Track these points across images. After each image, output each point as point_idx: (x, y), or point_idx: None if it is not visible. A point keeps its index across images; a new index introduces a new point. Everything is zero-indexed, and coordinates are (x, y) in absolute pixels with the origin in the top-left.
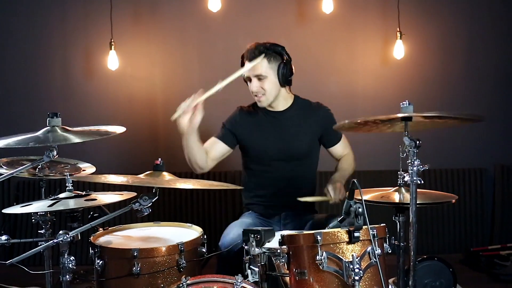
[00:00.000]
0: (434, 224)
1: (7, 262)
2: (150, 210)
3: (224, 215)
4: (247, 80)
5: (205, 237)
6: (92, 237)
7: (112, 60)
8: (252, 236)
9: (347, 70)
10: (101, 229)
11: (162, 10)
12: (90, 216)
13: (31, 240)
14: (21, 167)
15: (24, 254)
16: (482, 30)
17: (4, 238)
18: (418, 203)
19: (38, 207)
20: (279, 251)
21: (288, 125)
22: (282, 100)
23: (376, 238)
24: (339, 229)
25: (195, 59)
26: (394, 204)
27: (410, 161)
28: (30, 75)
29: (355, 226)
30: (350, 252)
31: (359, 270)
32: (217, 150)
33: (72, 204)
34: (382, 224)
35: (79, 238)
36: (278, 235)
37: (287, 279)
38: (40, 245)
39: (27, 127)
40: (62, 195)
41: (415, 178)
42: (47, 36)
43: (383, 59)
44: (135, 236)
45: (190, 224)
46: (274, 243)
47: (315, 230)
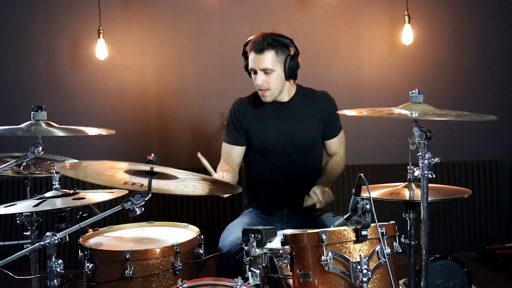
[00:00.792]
0: (447, 221)
1: None
2: (143, 209)
3: (222, 213)
4: (251, 71)
5: (202, 237)
6: (81, 238)
7: (100, 49)
8: (252, 236)
9: (352, 57)
10: (90, 230)
11: None
12: (79, 216)
13: (15, 242)
14: (4, 165)
15: (8, 258)
16: (495, 12)
17: None
18: (429, 199)
19: (23, 207)
20: (281, 251)
21: (292, 115)
22: (286, 92)
23: (385, 237)
24: (345, 227)
25: (189, 47)
26: (404, 200)
27: (420, 153)
28: (13, 65)
29: (362, 224)
30: (357, 251)
31: (367, 271)
32: (235, 155)
33: (59, 203)
34: (391, 222)
35: (68, 240)
36: (280, 235)
37: (290, 281)
38: (26, 248)
39: (9, 121)
40: (48, 194)
41: (426, 172)
42: (30, 24)
43: (391, 45)
44: (127, 237)
45: (186, 224)
46: (276, 243)
47: (320, 229)
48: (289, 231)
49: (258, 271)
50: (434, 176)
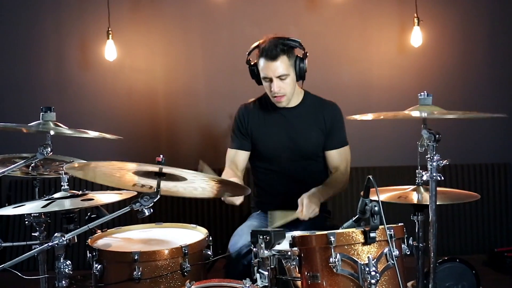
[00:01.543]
0: (455, 223)
1: None
2: (152, 210)
3: (231, 215)
4: (265, 80)
5: (210, 238)
6: (89, 239)
7: (109, 50)
8: (261, 237)
9: (361, 59)
10: (99, 231)
11: None
12: (87, 217)
13: (24, 243)
14: (13, 165)
15: (17, 259)
16: (505, 14)
17: None
18: (438, 203)
19: (31, 208)
20: (289, 253)
21: (298, 122)
22: (295, 96)
23: (393, 239)
24: (353, 229)
25: (198, 48)
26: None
27: (429, 156)
28: (22, 66)
29: (371, 226)
30: (365, 253)
31: (376, 273)
32: (240, 160)
33: (68, 204)
34: (399, 224)
35: (76, 241)
36: (288, 237)
37: (299, 283)
38: (34, 248)
39: (19, 121)
40: (57, 195)
41: (434, 174)
42: (40, 25)
43: (400, 47)
44: (135, 238)
45: (195, 225)
46: (284, 245)
47: (328, 231)
48: (297, 233)
49: (266, 273)
50: (443, 178)
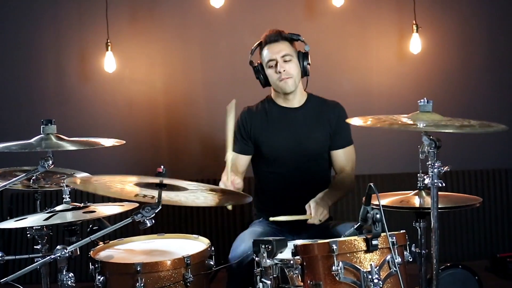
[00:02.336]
0: (457, 230)
1: (1, 281)
2: (153, 221)
3: (232, 224)
4: (268, 66)
5: (212, 249)
6: (92, 251)
7: (109, 62)
8: (263, 246)
9: (360, 67)
10: (101, 243)
11: (161, 7)
12: (89, 229)
13: (26, 256)
14: (14, 179)
15: (19, 272)
16: (505, 21)
17: None
18: (440, 207)
19: (33, 221)
20: (292, 262)
21: (302, 123)
22: (299, 94)
23: (395, 246)
24: (355, 237)
25: (197, 58)
26: (414, 209)
27: (430, 162)
28: (22, 79)
29: (373, 233)
30: (368, 261)
31: (378, 280)
32: (240, 164)
33: (69, 217)
34: (402, 231)
35: (78, 253)
36: (290, 245)
37: None
38: (37, 261)
39: (20, 136)
40: (58, 208)
41: (436, 181)
42: (39, 37)
43: (399, 54)
44: (138, 250)
45: (197, 236)
46: (286, 254)
47: (330, 239)
48: (299, 242)
49: (269, 282)
50: (444, 185)
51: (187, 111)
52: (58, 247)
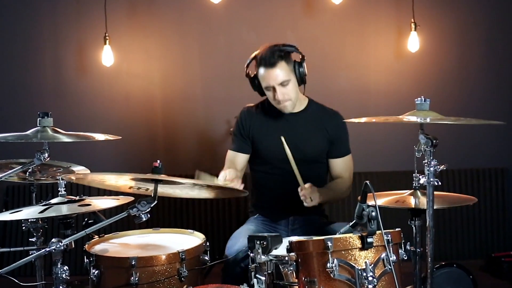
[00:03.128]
0: (452, 228)
1: None
2: (149, 215)
3: (228, 220)
4: (267, 90)
5: (207, 244)
6: (87, 245)
7: (106, 56)
8: (258, 242)
9: (358, 65)
10: (96, 236)
11: (159, 2)
12: (84, 222)
13: (21, 249)
14: (10, 171)
15: (14, 264)
16: (503, 19)
17: None
18: (435, 207)
19: (28, 213)
20: (287, 258)
21: (300, 127)
22: (299, 102)
23: (390, 244)
24: (351, 234)
25: (195, 54)
26: (409, 209)
27: (426, 161)
28: (19, 72)
29: (368, 231)
30: (363, 259)
31: (373, 278)
32: (239, 162)
33: (65, 210)
34: (397, 229)
35: (73, 247)
36: (285, 242)
37: None
38: (31, 254)
39: (16, 128)
40: (54, 201)
41: (432, 180)
42: (36, 31)
43: (397, 52)
44: (133, 244)
45: (192, 231)
46: (281, 250)
47: (326, 236)
48: (294, 238)
49: (263, 278)
50: (440, 183)
51: (184, 105)
52: (53, 240)
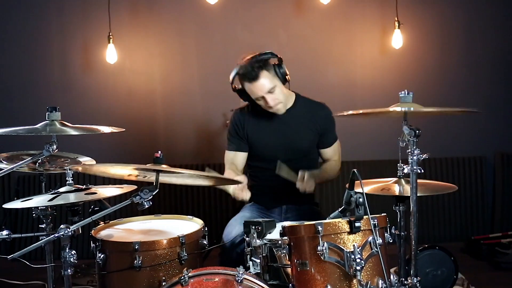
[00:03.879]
0: (434, 213)
1: (8, 257)
2: (151, 203)
3: (225, 207)
4: (257, 100)
5: (206, 229)
6: (93, 230)
7: (110, 54)
8: (253, 227)
9: (345, 61)
10: (102, 222)
11: (160, 3)
12: (90, 210)
13: (32, 234)
14: (21, 162)
15: (25, 249)
16: (481, 18)
17: (5, 233)
18: (418, 195)
19: (38, 201)
20: (280, 242)
21: (291, 123)
22: (286, 99)
23: (377, 228)
24: (340, 219)
25: (193, 51)
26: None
27: (410, 150)
28: (28, 69)
29: (356, 216)
30: (351, 242)
31: (361, 260)
32: (239, 161)
33: (72, 198)
34: (383, 214)
35: (80, 232)
36: (279, 226)
37: (289, 270)
38: (41, 239)
39: (26, 122)
40: (62, 189)
41: (415, 168)
42: (44, 30)
43: (382, 49)
44: (136, 229)
45: (191, 217)
46: (275, 235)
47: (316, 221)
48: (287, 223)
49: (258, 261)
50: (423, 171)
51: (183, 100)
52: (62, 226)
